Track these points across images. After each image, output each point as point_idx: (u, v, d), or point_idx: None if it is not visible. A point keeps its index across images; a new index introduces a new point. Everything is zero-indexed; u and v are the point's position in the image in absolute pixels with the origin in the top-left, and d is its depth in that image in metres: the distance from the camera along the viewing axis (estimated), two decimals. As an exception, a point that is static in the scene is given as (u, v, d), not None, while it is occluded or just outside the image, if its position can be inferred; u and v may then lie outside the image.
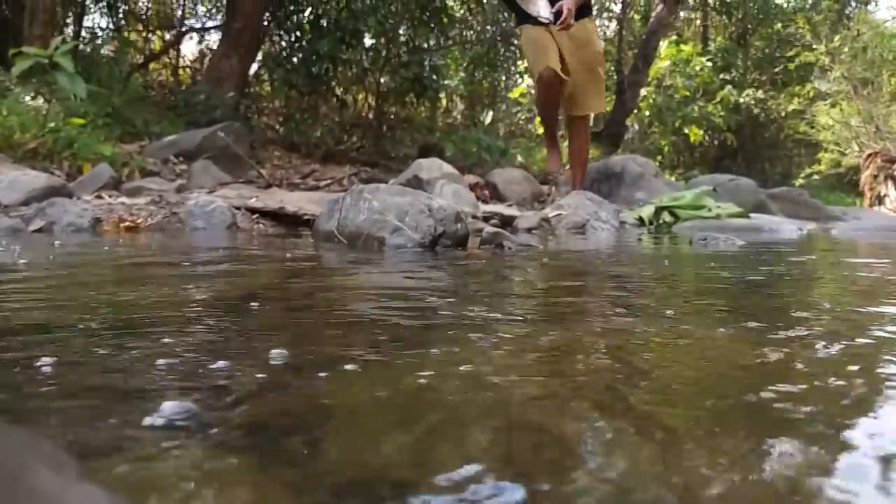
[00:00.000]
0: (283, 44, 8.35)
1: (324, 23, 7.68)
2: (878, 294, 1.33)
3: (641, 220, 4.13)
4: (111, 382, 0.64)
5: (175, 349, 0.76)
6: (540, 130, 6.73)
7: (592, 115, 5.98)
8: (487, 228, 2.60)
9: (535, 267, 1.86)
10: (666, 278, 1.66)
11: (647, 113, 13.47)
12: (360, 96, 9.39)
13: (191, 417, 0.50)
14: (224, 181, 4.60)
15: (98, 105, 5.24)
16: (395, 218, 2.16)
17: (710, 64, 13.55)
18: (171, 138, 5.38)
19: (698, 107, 12.97)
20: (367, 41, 8.40)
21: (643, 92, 12.67)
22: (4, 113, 4.35)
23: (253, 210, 3.40)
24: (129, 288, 1.31)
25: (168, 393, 0.60)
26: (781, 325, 0.94)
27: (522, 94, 12.41)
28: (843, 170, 12.47)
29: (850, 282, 1.62)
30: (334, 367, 0.70)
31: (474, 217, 3.33)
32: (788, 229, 3.73)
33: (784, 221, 4.21)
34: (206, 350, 0.77)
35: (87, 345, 0.79)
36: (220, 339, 0.85)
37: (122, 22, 9.99)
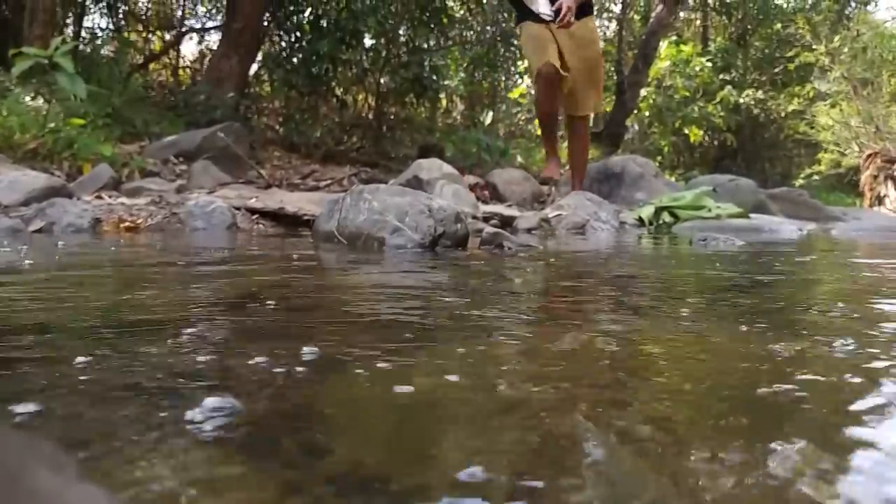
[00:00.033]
0: (283, 44, 8.36)
1: (324, 23, 7.68)
2: (880, 293, 1.33)
3: (641, 221, 4.13)
4: (147, 379, 0.65)
5: (206, 346, 0.78)
6: (539, 132, 6.56)
7: (592, 116, 5.98)
8: (487, 229, 2.60)
9: (535, 267, 1.86)
10: (667, 278, 1.66)
11: (647, 113, 13.48)
12: (360, 97, 9.40)
13: (232, 413, 0.52)
14: (224, 181, 4.60)
15: (98, 105, 5.24)
16: (395, 218, 2.16)
17: (709, 64, 13.57)
18: (171, 139, 5.39)
19: (698, 107, 12.98)
20: (367, 41, 8.41)
21: (643, 92, 12.68)
22: (4, 113, 4.35)
23: (253, 210, 3.40)
24: (145, 289, 1.32)
25: (209, 389, 0.61)
26: (796, 326, 0.94)
27: (522, 95, 12.42)
28: (842, 170, 12.47)
29: (852, 281, 1.62)
30: (343, 366, 0.70)
31: (474, 217, 3.33)
32: (788, 230, 3.73)
33: (784, 222, 4.21)
34: (235, 346, 0.79)
35: (116, 343, 0.81)
36: (249, 335, 0.87)
37: (122, 22, 10.00)
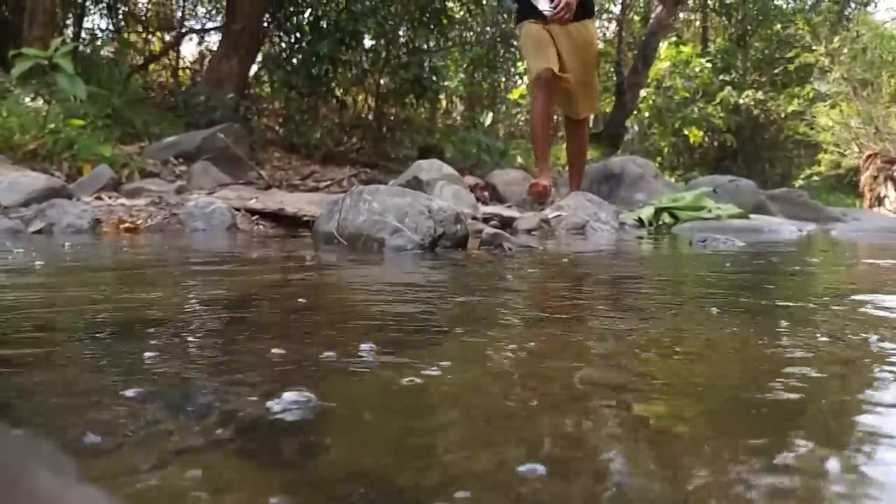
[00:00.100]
0: (283, 45, 8.35)
1: (323, 24, 7.68)
2: (880, 292, 1.33)
3: (641, 222, 4.13)
4: (215, 373, 0.69)
5: (280, 343, 0.81)
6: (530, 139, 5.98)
7: (591, 116, 5.96)
8: (487, 230, 2.60)
9: (535, 268, 1.86)
10: (668, 279, 1.66)
11: (647, 114, 13.48)
12: (360, 97, 9.39)
13: (308, 406, 0.56)
14: (224, 182, 4.60)
15: (98, 106, 5.24)
16: (394, 219, 2.16)
17: (709, 65, 13.56)
18: (171, 139, 5.39)
19: (698, 108, 12.97)
20: (367, 42, 8.40)
21: (643, 93, 12.68)
22: (4, 114, 4.34)
23: (253, 211, 3.40)
24: (165, 289, 1.33)
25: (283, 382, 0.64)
26: (809, 328, 0.94)
27: (522, 95, 12.41)
28: (842, 171, 12.48)
29: (852, 281, 1.62)
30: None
31: (474, 218, 3.33)
32: (788, 230, 3.73)
33: (784, 222, 4.21)
34: (297, 343, 0.83)
35: (167, 338, 0.85)
36: (310, 334, 0.90)
37: (122, 23, 10.00)
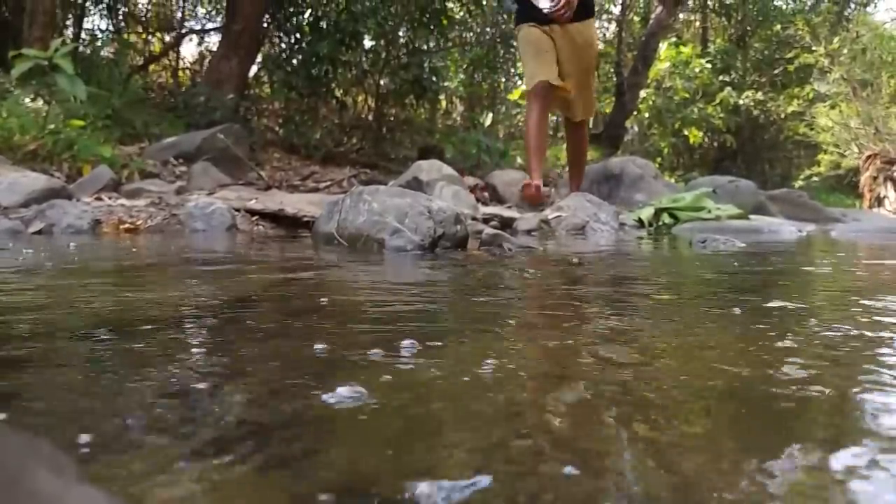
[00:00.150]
0: (283, 46, 8.36)
1: (323, 25, 7.68)
2: (881, 291, 1.33)
3: (641, 222, 4.12)
4: (265, 368, 0.71)
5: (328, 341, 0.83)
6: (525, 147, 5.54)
7: (591, 118, 5.94)
8: (487, 230, 2.61)
9: (535, 268, 1.86)
10: (668, 279, 1.66)
11: (647, 115, 13.48)
12: (360, 98, 9.40)
13: (360, 399, 0.60)
14: (224, 183, 4.60)
15: (98, 107, 5.24)
16: (394, 220, 2.16)
17: (709, 66, 13.57)
18: (171, 140, 5.39)
19: (698, 108, 12.98)
20: (367, 43, 8.41)
21: (643, 94, 12.68)
22: (4, 115, 4.35)
23: (252, 212, 3.40)
24: (191, 286, 1.34)
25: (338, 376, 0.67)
26: (809, 328, 0.94)
27: (522, 96, 12.41)
28: (842, 171, 12.48)
29: (853, 280, 1.62)
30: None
31: (474, 219, 3.33)
32: (788, 231, 3.73)
33: (784, 223, 4.20)
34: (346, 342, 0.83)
35: (206, 336, 0.88)
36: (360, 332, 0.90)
37: (122, 24, 10.00)
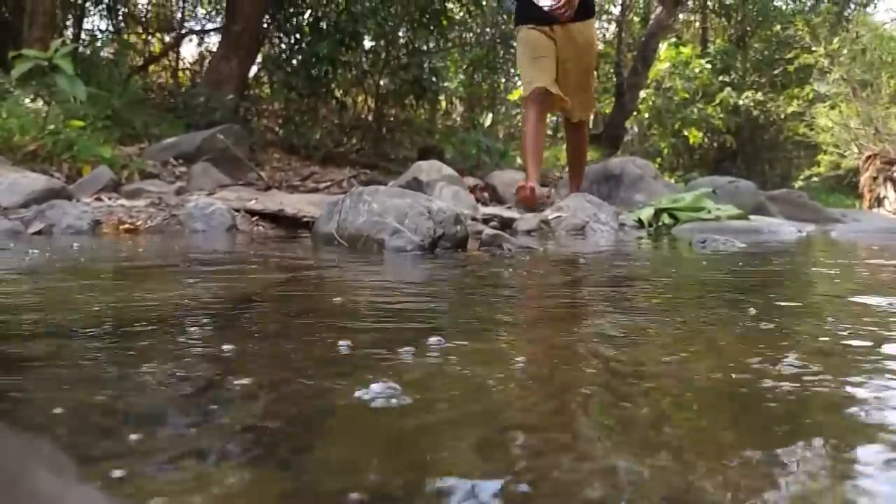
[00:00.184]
0: (283, 46, 8.36)
1: (323, 25, 7.68)
2: (882, 292, 1.33)
3: (641, 222, 4.12)
4: (293, 367, 0.73)
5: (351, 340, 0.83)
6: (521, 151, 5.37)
7: (591, 117, 5.93)
8: (487, 230, 2.61)
9: (536, 268, 1.86)
10: (668, 279, 1.66)
11: (647, 115, 13.47)
12: (360, 98, 9.39)
13: (393, 395, 0.62)
14: (223, 183, 4.60)
15: (98, 107, 5.24)
16: (394, 220, 2.16)
17: (709, 66, 13.56)
18: (171, 140, 5.38)
19: (697, 109, 12.97)
20: (367, 43, 8.40)
21: (642, 94, 12.68)
22: (4, 115, 4.34)
23: (252, 212, 3.39)
24: (202, 285, 1.36)
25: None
26: (808, 328, 0.94)
27: (522, 96, 12.41)
28: (842, 172, 12.46)
29: (853, 281, 1.62)
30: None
31: (474, 219, 3.33)
32: (788, 231, 3.73)
33: (783, 223, 4.20)
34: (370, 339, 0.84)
35: (243, 334, 0.91)
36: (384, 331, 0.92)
37: (122, 24, 9.99)
